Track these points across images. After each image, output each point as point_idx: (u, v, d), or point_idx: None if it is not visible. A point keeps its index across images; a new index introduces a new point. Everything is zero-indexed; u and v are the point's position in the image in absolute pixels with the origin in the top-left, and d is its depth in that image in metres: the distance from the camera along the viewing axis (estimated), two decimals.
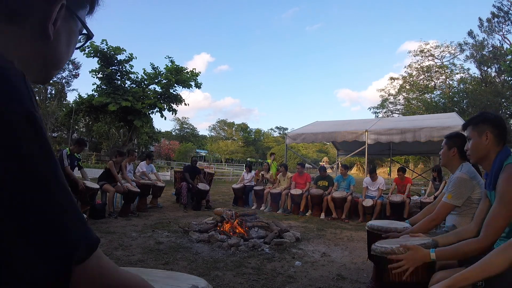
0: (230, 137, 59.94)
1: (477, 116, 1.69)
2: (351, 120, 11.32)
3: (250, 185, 8.46)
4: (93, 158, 23.52)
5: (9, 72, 0.42)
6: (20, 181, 0.40)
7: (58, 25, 0.53)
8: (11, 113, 0.40)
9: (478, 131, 1.64)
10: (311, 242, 4.57)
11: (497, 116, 1.67)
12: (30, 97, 0.43)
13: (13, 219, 0.39)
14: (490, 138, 1.59)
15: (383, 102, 32.49)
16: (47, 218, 0.42)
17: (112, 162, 6.14)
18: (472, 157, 1.69)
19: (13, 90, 0.41)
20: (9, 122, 0.39)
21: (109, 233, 4.49)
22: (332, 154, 46.40)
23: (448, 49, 29.04)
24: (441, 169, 7.24)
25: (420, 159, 26.90)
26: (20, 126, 0.40)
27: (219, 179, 20.48)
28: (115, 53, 13.81)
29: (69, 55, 0.59)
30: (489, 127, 1.61)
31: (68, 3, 0.54)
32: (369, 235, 2.57)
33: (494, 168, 1.56)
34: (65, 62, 0.59)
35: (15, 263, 0.39)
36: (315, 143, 11.74)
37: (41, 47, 0.53)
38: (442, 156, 2.26)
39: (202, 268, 3.20)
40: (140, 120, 14.08)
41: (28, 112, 0.41)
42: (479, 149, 1.63)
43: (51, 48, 0.54)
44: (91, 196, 5.27)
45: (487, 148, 1.60)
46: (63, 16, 0.54)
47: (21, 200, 0.39)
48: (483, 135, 1.61)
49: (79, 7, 0.58)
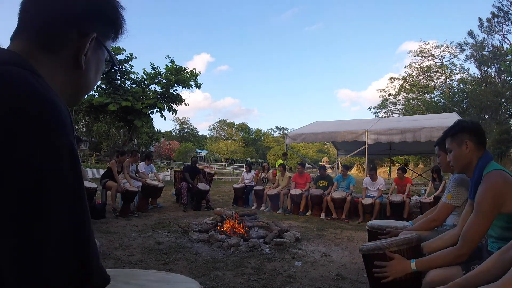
0: (230, 137, 59.94)
1: (454, 126, 1.68)
2: (351, 120, 11.32)
3: (250, 185, 8.47)
4: (93, 158, 23.52)
5: (61, 107, 0.47)
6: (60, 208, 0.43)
7: (88, 55, 0.58)
8: (60, 144, 0.45)
9: (457, 141, 1.63)
10: (311, 242, 4.57)
11: (474, 123, 1.67)
12: (73, 130, 0.48)
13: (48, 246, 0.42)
14: (470, 146, 1.59)
15: (383, 102, 32.51)
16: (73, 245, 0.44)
17: (115, 162, 6.15)
18: (456, 168, 1.69)
19: (62, 123, 0.46)
20: (58, 151, 0.44)
21: (109, 233, 4.49)
22: (332, 154, 46.40)
23: (448, 49, 29.08)
24: (440, 169, 7.25)
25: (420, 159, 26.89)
26: (65, 157, 0.45)
27: (219, 179, 20.48)
28: (115, 53, 13.78)
29: (96, 81, 0.65)
30: (468, 135, 1.60)
31: (98, 35, 0.59)
32: (370, 234, 2.58)
33: (475, 176, 1.56)
34: (93, 88, 0.65)
35: None
36: (315, 143, 11.75)
37: (73, 75, 0.58)
38: (441, 163, 2.22)
39: (202, 268, 3.20)
40: (140, 120, 14.08)
41: (71, 145, 0.46)
42: (461, 159, 1.62)
43: (82, 76, 0.60)
44: (89, 196, 5.26)
45: (469, 156, 1.60)
46: (93, 47, 0.59)
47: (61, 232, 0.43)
48: (463, 144, 1.60)
49: (106, 38, 0.63)
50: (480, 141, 1.61)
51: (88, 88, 0.62)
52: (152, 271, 1.00)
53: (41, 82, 0.47)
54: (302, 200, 7.12)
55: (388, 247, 1.66)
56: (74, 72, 0.58)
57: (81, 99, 0.64)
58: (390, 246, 1.66)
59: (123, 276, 0.90)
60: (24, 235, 0.40)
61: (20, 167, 0.41)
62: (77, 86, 0.60)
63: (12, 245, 0.40)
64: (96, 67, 0.62)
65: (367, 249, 1.76)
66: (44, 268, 0.41)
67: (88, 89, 0.63)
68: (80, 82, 0.60)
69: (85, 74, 0.60)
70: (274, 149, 46.05)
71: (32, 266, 0.40)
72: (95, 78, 0.63)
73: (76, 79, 0.59)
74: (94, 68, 0.61)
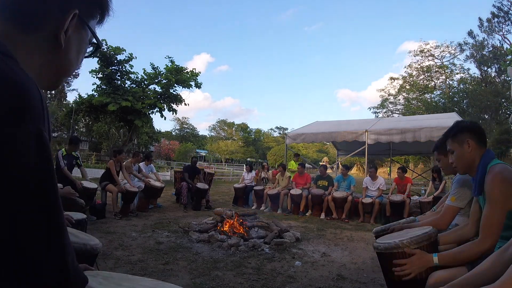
0: (230, 137, 59.94)
1: (453, 127, 1.68)
2: (351, 120, 11.32)
3: (251, 185, 8.47)
4: (93, 158, 23.52)
5: (31, 91, 0.44)
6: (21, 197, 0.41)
7: (69, 33, 0.55)
8: (24, 131, 0.42)
9: (458, 142, 1.63)
10: (311, 242, 4.57)
11: (473, 122, 1.67)
12: (43, 115, 0.45)
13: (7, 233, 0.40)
14: (472, 145, 1.59)
15: (383, 102, 32.54)
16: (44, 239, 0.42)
17: (113, 162, 6.12)
18: (459, 169, 1.68)
19: (29, 108, 0.43)
20: (21, 140, 0.41)
21: (109, 233, 4.49)
22: (332, 154, 46.39)
23: (448, 49, 29.11)
24: (440, 169, 7.24)
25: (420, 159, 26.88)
26: (30, 146, 0.42)
27: (219, 179, 20.47)
28: (115, 53, 13.81)
29: (78, 63, 0.61)
30: (468, 134, 1.60)
31: (81, 13, 0.55)
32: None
33: (479, 173, 1.56)
34: (74, 69, 0.61)
35: None
36: (315, 143, 11.75)
37: (53, 55, 0.55)
38: (443, 166, 2.21)
39: (202, 268, 3.20)
40: (140, 120, 14.08)
41: (39, 132, 0.43)
42: (464, 159, 1.62)
43: (62, 56, 0.56)
44: (89, 196, 5.24)
45: (471, 156, 1.59)
46: (74, 25, 0.56)
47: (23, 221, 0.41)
48: (465, 144, 1.60)
49: (90, 17, 0.59)
50: (481, 139, 1.61)
51: (68, 69, 0.59)
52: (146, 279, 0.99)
53: (10, 64, 0.45)
54: (302, 200, 7.12)
55: (408, 245, 1.58)
56: (54, 51, 0.54)
57: (62, 81, 0.61)
58: (410, 244, 1.57)
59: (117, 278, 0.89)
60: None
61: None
62: (57, 67, 0.57)
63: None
64: (78, 47, 0.59)
65: (384, 248, 1.64)
66: (12, 270, 0.39)
67: (68, 70, 0.59)
68: (60, 62, 0.56)
69: (65, 54, 0.56)
70: (274, 149, 46.08)
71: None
72: (77, 59, 0.60)
73: (55, 59, 0.55)
74: (75, 48, 0.58)
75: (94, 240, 1.62)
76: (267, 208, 7.67)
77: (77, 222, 2.10)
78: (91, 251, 1.51)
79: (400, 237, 1.66)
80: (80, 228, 2.08)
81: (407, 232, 1.81)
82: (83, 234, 1.68)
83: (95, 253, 1.56)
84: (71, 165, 5.42)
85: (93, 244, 1.54)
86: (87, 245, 1.50)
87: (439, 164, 2.24)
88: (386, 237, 1.86)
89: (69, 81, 31.39)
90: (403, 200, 6.38)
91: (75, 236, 1.55)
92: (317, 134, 9.10)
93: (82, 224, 2.23)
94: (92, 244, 1.53)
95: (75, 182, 5.12)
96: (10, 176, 0.40)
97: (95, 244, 1.55)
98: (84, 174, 5.75)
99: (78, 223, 2.12)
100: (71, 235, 1.50)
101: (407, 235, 1.68)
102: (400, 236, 1.71)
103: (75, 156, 5.57)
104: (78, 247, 1.45)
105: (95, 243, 1.56)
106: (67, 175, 5.19)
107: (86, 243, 1.50)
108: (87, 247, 1.49)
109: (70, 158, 5.46)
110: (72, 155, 5.51)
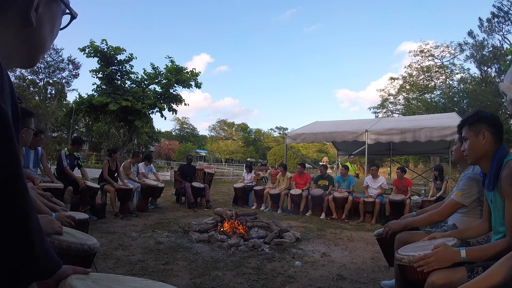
0: (230, 137, 59.94)
1: (473, 115, 1.64)
2: (351, 120, 11.32)
3: (251, 185, 8.47)
4: (93, 158, 23.53)
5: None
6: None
7: (40, 10, 0.53)
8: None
9: (474, 130, 1.59)
10: (311, 242, 4.57)
11: (493, 115, 1.63)
12: (2, 87, 0.42)
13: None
14: (487, 137, 1.55)
15: (383, 102, 32.55)
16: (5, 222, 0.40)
17: (107, 161, 6.11)
18: (470, 158, 1.64)
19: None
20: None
21: (109, 233, 4.49)
22: (332, 154, 46.37)
23: (448, 49, 29.14)
24: (442, 168, 7.24)
25: (420, 159, 26.89)
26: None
27: (219, 179, 20.47)
28: (115, 53, 13.78)
29: (53, 38, 0.59)
30: (486, 126, 1.57)
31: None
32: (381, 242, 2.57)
33: (493, 167, 1.52)
34: (49, 45, 0.59)
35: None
36: (315, 143, 11.74)
37: (25, 34, 0.53)
38: (455, 152, 2.20)
39: (202, 268, 3.20)
40: (140, 121, 14.06)
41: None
42: (476, 149, 1.58)
43: (35, 34, 0.54)
44: (91, 196, 5.26)
45: (485, 147, 1.56)
46: (44, 0, 0.53)
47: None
48: (480, 134, 1.57)
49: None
50: (498, 133, 1.57)
51: (43, 46, 0.57)
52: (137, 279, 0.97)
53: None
54: (302, 200, 7.12)
55: None
56: (26, 30, 0.52)
57: (37, 59, 0.58)
58: None
59: (106, 280, 0.88)
60: None
61: None
62: (31, 46, 0.54)
63: None
64: (51, 23, 0.57)
65: (408, 260, 1.54)
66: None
67: (43, 46, 0.57)
68: (33, 41, 0.54)
69: (37, 32, 0.54)
70: (274, 149, 46.08)
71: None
72: (51, 35, 0.58)
73: (28, 38, 0.53)
74: (48, 24, 0.56)
75: (92, 240, 1.61)
76: (267, 208, 7.67)
77: (79, 222, 2.10)
78: (88, 251, 1.50)
79: (423, 250, 1.57)
80: (82, 228, 2.07)
81: (431, 243, 1.72)
82: (81, 234, 1.67)
83: (93, 252, 1.55)
84: (72, 166, 5.43)
85: (90, 244, 1.53)
86: (85, 245, 1.49)
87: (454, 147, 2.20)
88: (407, 249, 1.76)
89: (69, 81, 31.33)
90: (403, 200, 6.38)
91: (73, 236, 1.54)
92: (317, 134, 9.10)
93: (84, 224, 2.23)
94: (90, 244, 1.52)
95: (78, 181, 5.13)
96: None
97: (92, 244, 1.54)
98: (84, 175, 5.75)
99: (80, 222, 2.12)
100: (68, 235, 1.51)
101: (430, 246, 1.59)
102: (422, 248, 1.62)
103: (76, 157, 5.58)
104: (75, 247, 1.44)
105: (92, 243, 1.55)
106: (70, 174, 5.20)
107: (84, 243, 1.49)
108: (85, 247, 1.48)
109: (72, 158, 5.47)
110: (73, 155, 5.52)
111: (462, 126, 1.68)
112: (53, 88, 30.50)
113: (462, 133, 1.68)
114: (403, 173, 7.00)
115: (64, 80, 30.79)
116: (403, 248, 1.80)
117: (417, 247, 1.75)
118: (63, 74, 30.39)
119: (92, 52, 13.48)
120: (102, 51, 13.56)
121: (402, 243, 2.10)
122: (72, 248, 1.43)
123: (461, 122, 1.71)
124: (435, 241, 1.77)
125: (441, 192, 6.44)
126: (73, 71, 30.89)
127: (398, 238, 2.23)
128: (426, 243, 1.78)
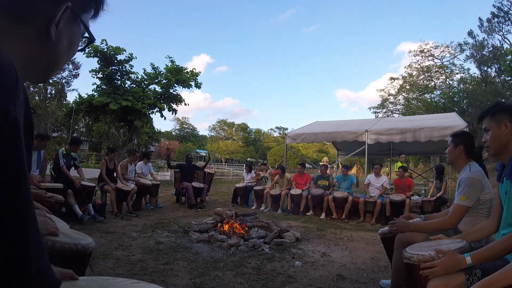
0: (230, 137, 59.94)
1: (494, 105, 1.62)
2: (351, 120, 11.32)
3: (251, 185, 8.47)
4: (93, 158, 23.50)
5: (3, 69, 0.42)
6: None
7: (60, 26, 0.54)
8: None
9: (496, 121, 1.57)
10: (311, 242, 4.57)
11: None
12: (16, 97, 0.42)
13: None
14: (510, 127, 1.53)
15: (383, 102, 32.52)
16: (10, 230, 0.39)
17: (104, 161, 6.12)
18: (492, 149, 1.61)
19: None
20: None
21: (109, 233, 4.48)
22: (332, 154, 46.32)
23: (448, 49, 29.07)
24: (443, 168, 7.23)
25: (420, 159, 26.88)
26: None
27: (219, 179, 20.47)
28: (115, 53, 13.79)
29: (69, 57, 0.60)
30: (508, 116, 1.55)
31: (73, 6, 0.55)
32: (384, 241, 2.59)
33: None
34: (64, 63, 0.60)
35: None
36: (315, 143, 11.74)
37: (43, 47, 0.54)
38: (448, 153, 2.22)
39: (202, 268, 3.20)
40: (140, 121, 14.07)
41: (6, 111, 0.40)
42: (499, 139, 1.56)
43: (52, 49, 0.55)
44: (87, 195, 5.24)
45: (507, 138, 1.54)
46: (66, 18, 0.55)
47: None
48: (502, 124, 1.55)
49: (83, 11, 0.58)
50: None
51: (58, 63, 0.58)
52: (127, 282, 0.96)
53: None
54: (302, 200, 7.12)
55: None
56: (44, 43, 0.53)
57: (52, 74, 0.60)
58: None
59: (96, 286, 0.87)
60: None
61: None
62: (47, 60, 0.56)
63: None
64: (69, 41, 0.58)
65: (418, 259, 1.56)
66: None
67: (58, 64, 0.58)
68: (51, 54, 0.55)
69: (55, 47, 0.55)
70: (274, 149, 46.10)
71: None
72: (68, 52, 0.59)
73: (45, 52, 0.54)
74: (66, 41, 0.57)
75: (87, 239, 1.56)
76: (267, 208, 7.67)
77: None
78: (82, 250, 1.45)
79: (432, 250, 1.57)
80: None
81: (439, 244, 1.72)
82: (76, 234, 1.62)
83: (88, 252, 1.50)
84: (68, 165, 5.43)
85: (85, 243, 1.48)
86: (79, 245, 1.44)
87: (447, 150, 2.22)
88: (415, 247, 1.75)
89: (69, 81, 31.35)
90: (403, 199, 6.38)
91: (67, 236, 1.49)
92: (317, 134, 9.10)
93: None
94: (84, 243, 1.48)
95: (73, 180, 5.14)
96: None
97: (87, 243, 1.50)
98: (81, 175, 5.76)
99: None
100: (63, 235, 1.48)
101: (440, 247, 1.59)
102: (431, 249, 1.62)
103: (73, 157, 5.58)
104: (68, 248, 1.40)
105: (87, 243, 1.50)
106: (66, 173, 5.21)
107: (78, 243, 1.45)
108: (79, 247, 1.44)
109: (69, 158, 5.47)
110: (71, 155, 5.52)
111: (484, 117, 1.65)
112: (53, 88, 30.51)
113: (483, 124, 1.65)
114: (404, 171, 7.01)
115: (64, 80, 30.80)
116: (411, 247, 1.80)
117: (426, 246, 1.74)
118: (63, 74, 30.34)
119: (92, 52, 13.48)
120: (102, 51, 13.57)
121: (402, 242, 2.10)
122: (65, 249, 1.39)
123: (483, 113, 1.68)
124: (442, 241, 1.77)
125: (441, 192, 6.44)
126: (73, 71, 30.91)
127: (399, 238, 2.23)
128: (433, 243, 1.77)
